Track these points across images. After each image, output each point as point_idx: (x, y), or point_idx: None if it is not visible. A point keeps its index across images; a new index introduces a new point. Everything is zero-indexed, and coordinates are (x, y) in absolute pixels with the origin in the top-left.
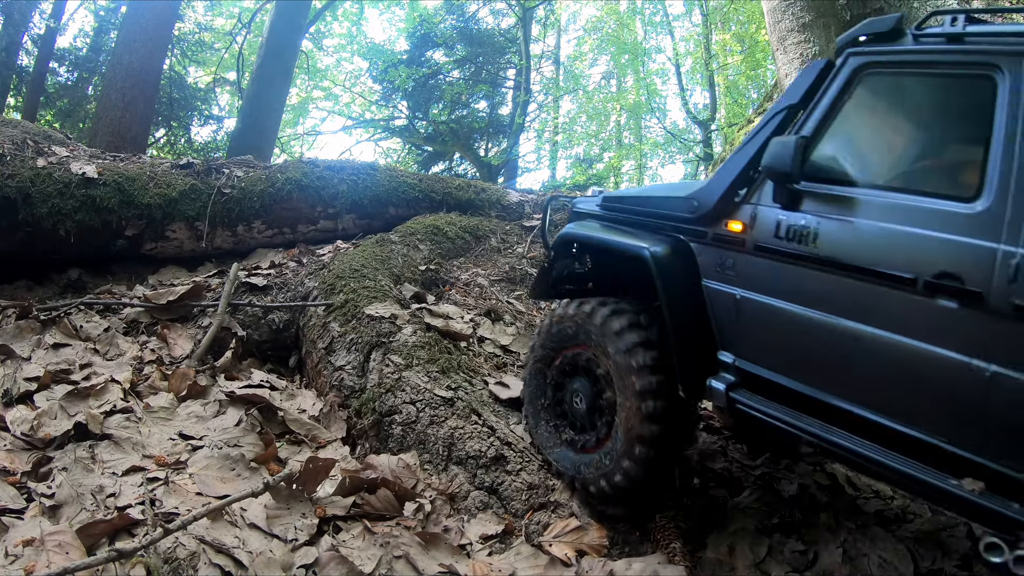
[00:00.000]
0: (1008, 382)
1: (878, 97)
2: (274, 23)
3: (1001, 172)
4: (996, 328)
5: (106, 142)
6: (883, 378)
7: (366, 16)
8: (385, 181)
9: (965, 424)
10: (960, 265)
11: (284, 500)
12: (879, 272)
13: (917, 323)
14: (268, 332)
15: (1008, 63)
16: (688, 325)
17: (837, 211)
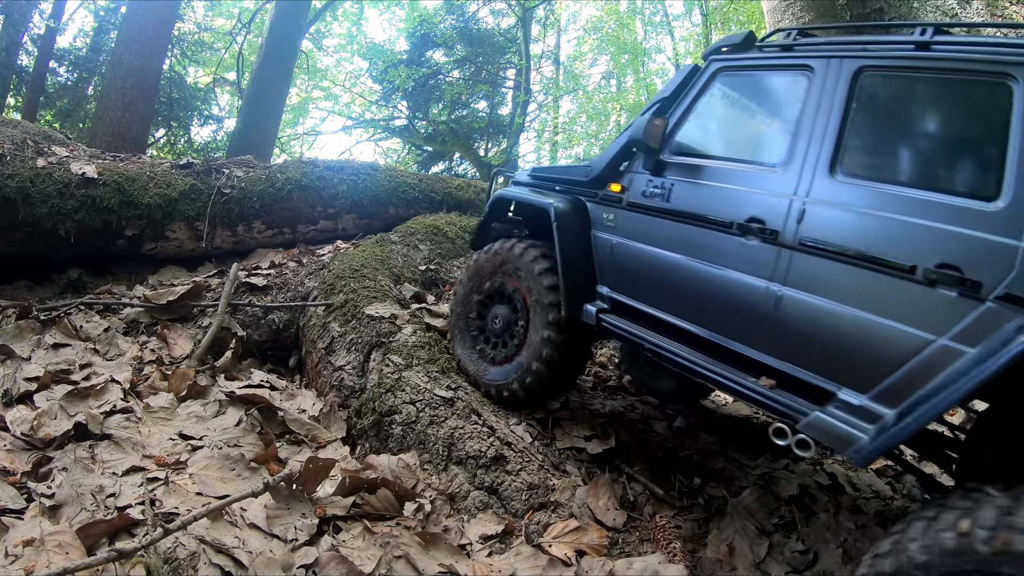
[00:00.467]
0: (790, 301)
1: (726, 92)
2: (274, 23)
3: (799, 142)
4: (786, 260)
5: (106, 142)
6: (708, 300)
7: (366, 16)
8: (385, 181)
9: (762, 334)
10: (764, 211)
11: (284, 500)
12: (708, 219)
13: (732, 257)
14: (268, 332)
15: (818, 63)
16: (576, 263)
17: (686, 176)
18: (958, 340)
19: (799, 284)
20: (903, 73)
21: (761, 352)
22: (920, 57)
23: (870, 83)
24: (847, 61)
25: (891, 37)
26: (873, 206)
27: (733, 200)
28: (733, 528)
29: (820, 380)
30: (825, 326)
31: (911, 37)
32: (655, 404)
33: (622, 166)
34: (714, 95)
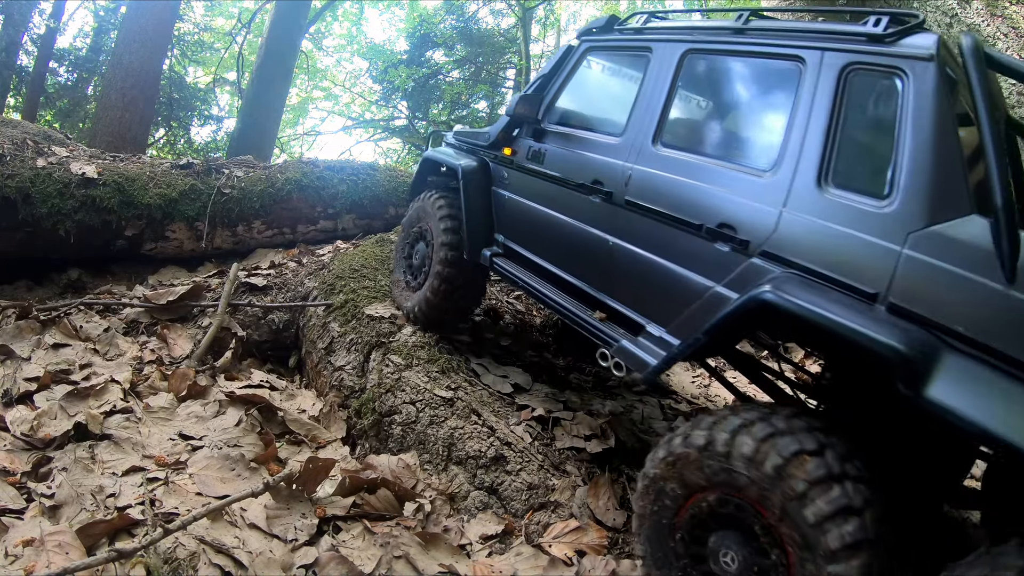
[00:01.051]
0: (618, 249)
1: (591, 69)
2: (274, 23)
3: (634, 116)
4: (617, 216)
5: (106, 142)
6: (566, 246)
7: (366, 16)
8: (385, 181)
9: (601, 276)
10: (604, 175)
11: (284, 500)
12: (568, 180)
13: (582, 211)
14: (268, 332)
15: (656, 46)
16: (477, 214)
17: (557, 143)
18: (728, 287)
19: (625, 236)
20: (717, 55)
21: (600, 291)
22: (732, 41)
23: (693, 64)
24: (677, 44)
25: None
26: (679, 173)
27: (586, 165)
28: None
29: (637, 315)
30: (641, 271)
31: (731, 23)
32: (655, 404)
33: (515, 132)
34: (582, 71)
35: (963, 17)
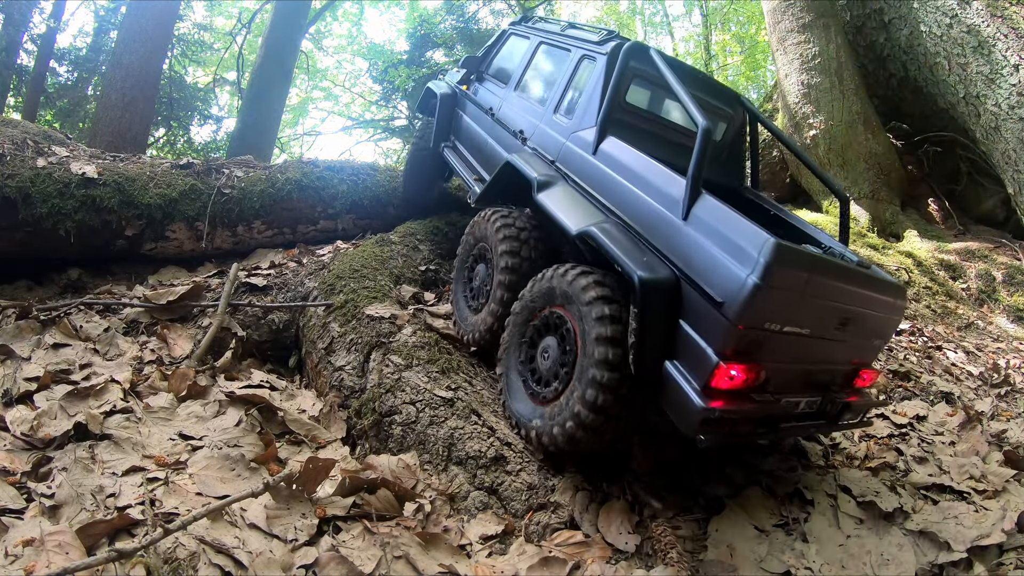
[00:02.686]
0: (488, 143)
1: (508, 43)
2: (274, 23)
3: (514, 74)
4: (494, 126)
5: (106, 142)
6: (474, 142)
7: (366, 16)
8: (385, 181)
9: (484, 159)
10: (494, 105)
11: (284, 500)
12: (482, 106)
13: (483, 124)
14: (268, 332)
15: (532, 36)
16: (445, 121)
17: (485, 85)
18: None
19: (492, 136)
20: (547, 45)
21: (479, 166)
22: (553, 38)
23: (540, 48)
24: (537, 37)
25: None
26: (515, 106)
27: (490, 98)
28: (733, 528)
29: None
30: (494, 154)
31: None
32: None
33: (471, 77)
34: (505, 45)
35: (963, 17)
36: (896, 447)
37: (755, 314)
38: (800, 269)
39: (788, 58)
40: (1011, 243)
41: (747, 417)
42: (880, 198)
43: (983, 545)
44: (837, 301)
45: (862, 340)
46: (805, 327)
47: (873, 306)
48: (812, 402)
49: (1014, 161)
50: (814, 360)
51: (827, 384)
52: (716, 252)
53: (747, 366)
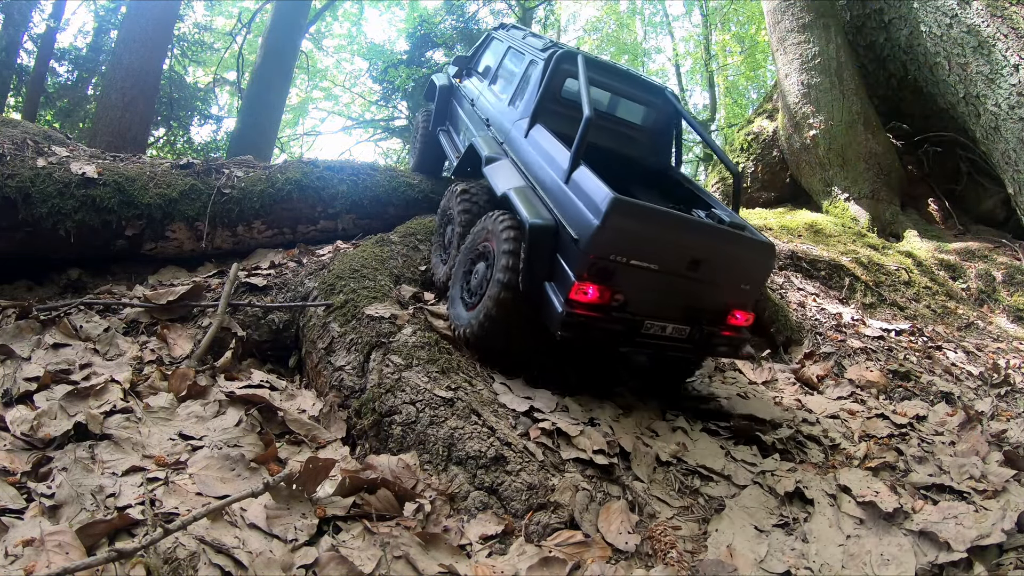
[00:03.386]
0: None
1: (491, 47)
2: (274, 23)
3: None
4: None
5: (106, 142)
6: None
7: (366, 16)
8: (385, 181)
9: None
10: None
11: (284, 500)
12: (467, 96)
13: (467, 110)
14: (268, 332)
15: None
16: (443, 110)
17: (473, 80)
18: None
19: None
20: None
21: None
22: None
23: (508, 52)
24: (506, 42)
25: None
26: (486, 96)
27: (473, 91)
28: (733, 528)
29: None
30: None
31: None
32: (655, 407)
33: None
34: (488, 45)
35: (963, 17)
36: (896, 447)
37: (600, 248)
38: (633, 216)
39: (788, 58)
40: (1011, 243)
41: (599, 326)
42: (880, 198)
43: (983, 545)
44: (681, 245)
45: (726, 283)
46: (652, 263)
47: (726, 254)
48: (681, 329)
49: (1014, 161)
50: (675, 293)
51: (697, 318)
52: (580, 205)
53: (599, 287)
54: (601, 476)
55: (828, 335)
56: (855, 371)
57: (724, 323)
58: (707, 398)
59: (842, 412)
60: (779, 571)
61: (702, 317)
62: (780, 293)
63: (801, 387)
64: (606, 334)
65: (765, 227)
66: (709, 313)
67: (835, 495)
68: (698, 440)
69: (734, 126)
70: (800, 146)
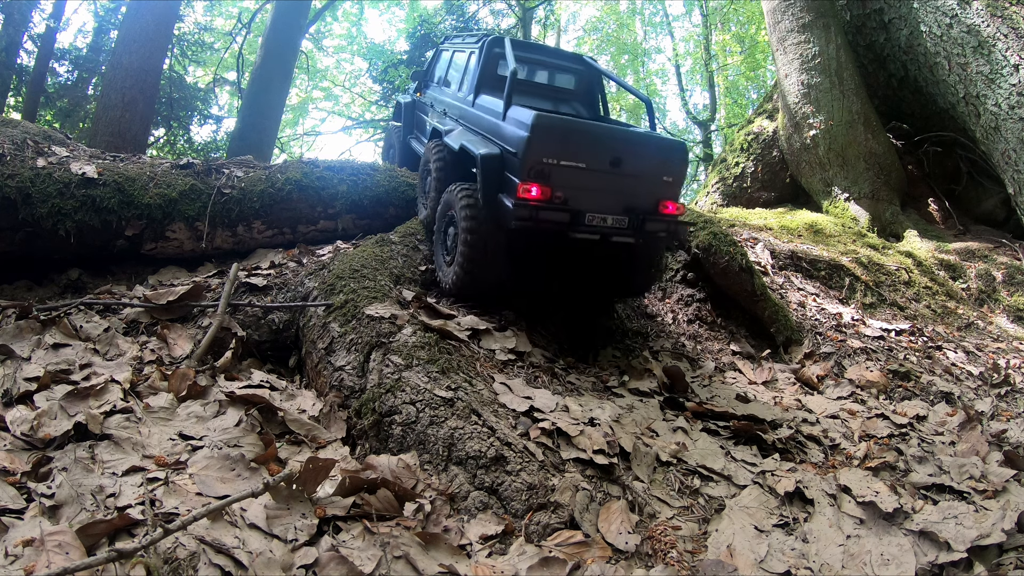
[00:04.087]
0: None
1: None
2: (274, 23)
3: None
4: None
5: (106, 142)
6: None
7: (366, 16)
8: (385, 181)
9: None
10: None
11: (284, 500)
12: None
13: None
14: (268, 332)
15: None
16: (409, 123)
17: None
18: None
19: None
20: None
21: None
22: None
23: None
24: (452, 47)
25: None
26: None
27: (431, 97)
28: (733, 528)
29: None
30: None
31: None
32: (655, 404)
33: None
34: (439, 62)
35: (963, 17)
36: (896, 447)
37: (533, 153)
38: (554, 125)
39: (788, 58)
40: (1011, 243)
41: (546, 216)
42: (880, 198)
43: (983, 545)
44: (600, 146)
45: (649, 177)
46: (579, 162)
47: (641, 151)
48: (620, 220)
49: (1014, 161)
50: (608, 191)
51: (633, 208)
52: (515, 129)
53: (539, 186)
54: (601, 476)
55: (828, 335)
56: (855, 371)
57: (658, 212)
58: (707, 398)
59: (842, 412)
60: (779, 571)
61: (636, 208)
62: (780, 293)
63: (801, 387)
64: (553, 223)
65: (765, 227)
66: (642, 204)
67: (835, 495)
68: (698, 440)
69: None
70: (800, 146)
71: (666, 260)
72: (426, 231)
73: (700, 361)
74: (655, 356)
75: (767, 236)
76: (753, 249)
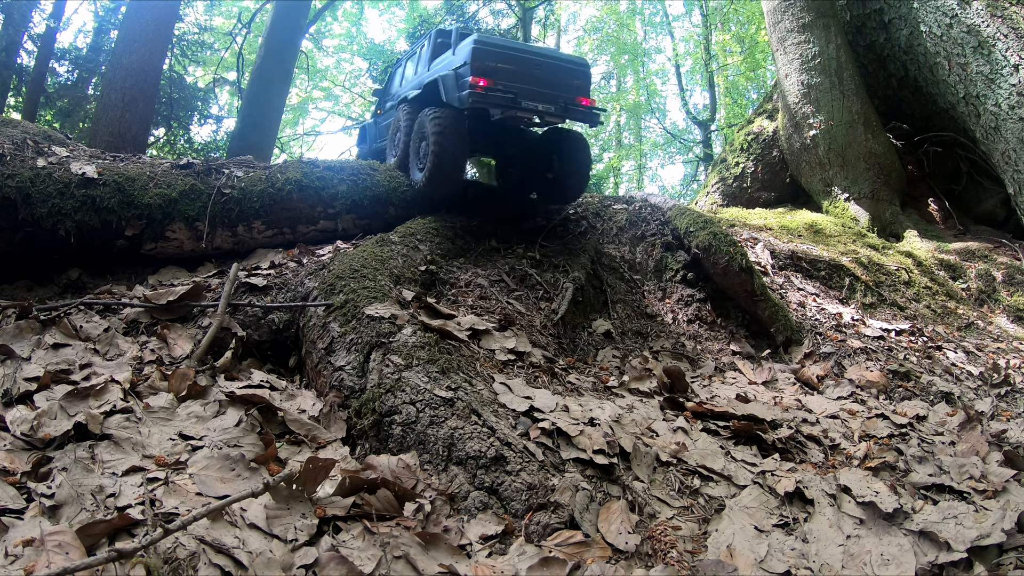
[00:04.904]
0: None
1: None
2: (274, 23)
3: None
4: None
5: (106, 142)
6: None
7: (366, 16)
8: (385, 181)
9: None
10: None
11: (284, 500)
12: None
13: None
14: (268, 332)
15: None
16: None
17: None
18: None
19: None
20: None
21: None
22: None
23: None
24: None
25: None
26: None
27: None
28: (733, 528)
29: None
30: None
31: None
32: (655, 404)
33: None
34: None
35: (963, 17)
36: (896, 447)
37: (477, 59)
38: (489, 41)
39: (788, 58)
40: (1011, 243)
41: (492, 95)
42: (880, 198)
43: (983, 545)
44: (524, 58)
45: (563, 80)
46: (510, 65)
47: (554, 64)
48: (548, 106)
49: (1014, 161)
50: (535, 86)
51: (556, 99)
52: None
53: (485, 79)
54: (601, 476)
55: (828, 335)
56: (855, 371)
57: (576, 102)
58: (707, 398)
59: (842, 412)
60: (779, 571)
61: (559, 99)
62: (780, 293)
63: (801, 387)
64: (500, 98)
65: (765, 227)
66: (564, 98)
67: (835, 495)
68: (698, 440)
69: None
70: (800, 146)
71: (666, 260)
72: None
73: (700, 361)
74: (655, 356)
75: (767, 236)
76: (753, 249)
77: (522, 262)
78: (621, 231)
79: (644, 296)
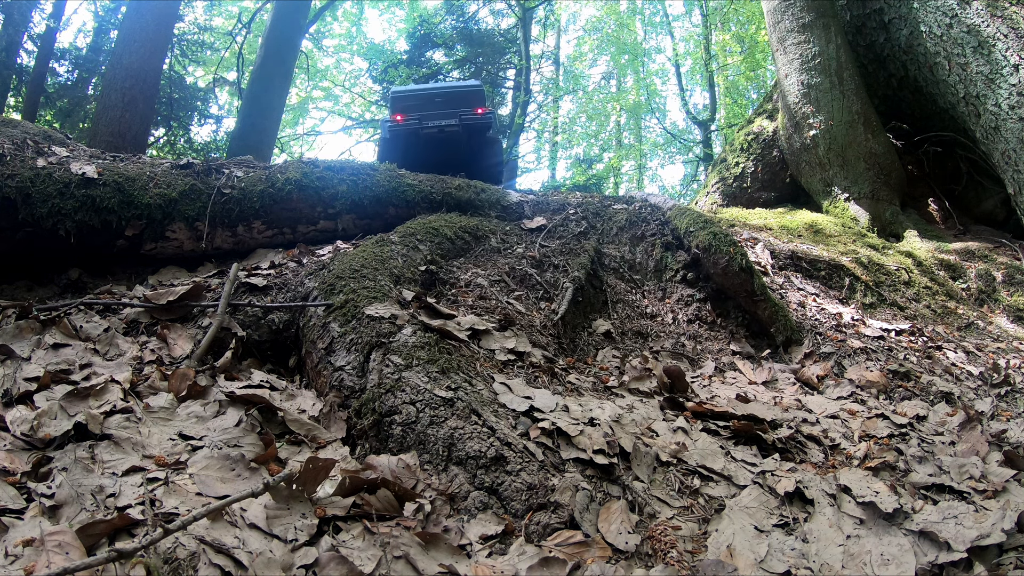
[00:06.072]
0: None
1: None
2: (274, 23)
3: None
4: None
5: (106, 142)
6: None
7: (366, 16)
8: (385, 181)
9: None
10: None
11: (284, 500)
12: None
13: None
14: (268, 332)
15: None
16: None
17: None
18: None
19: None
20: None
21: None
22: None
23: None
24: None
25: None
26: None
27: None
28: (733, 528)
29: None
30: None
31: None
32: (655, 404)
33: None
34: None
35: (963, 17)
36: (896, 447)
37: (395, 104)
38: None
39: (788, 58)
40: (1011, 243)
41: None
42: (880, 198)
43: (983, 545)
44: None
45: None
46: (417, 102)
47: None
48: (450, 122)
49: (1014, 161)
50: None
51: (456, 115)
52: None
53: (400, 115)
54: (601, 476)
55: (828, 335)
56: (855, 371)
57: (472, 113)
58: (707, 398)
59: (842, 412)
60: (779, 571)
61: (460, 114)
62: (780, 293)
63: (801, 387)
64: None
65: (765, 227)
66: (463, 112)
67: (835, 495)
68: (698, 440)
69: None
70: (800, 146)
71: (666, 260)
72: None
73: (700, 361)
74: (655, 356)
75: (767, 236)
76: (753, 249)
77: (522, 262)
78: (621, 231)
79: (644, 296)
